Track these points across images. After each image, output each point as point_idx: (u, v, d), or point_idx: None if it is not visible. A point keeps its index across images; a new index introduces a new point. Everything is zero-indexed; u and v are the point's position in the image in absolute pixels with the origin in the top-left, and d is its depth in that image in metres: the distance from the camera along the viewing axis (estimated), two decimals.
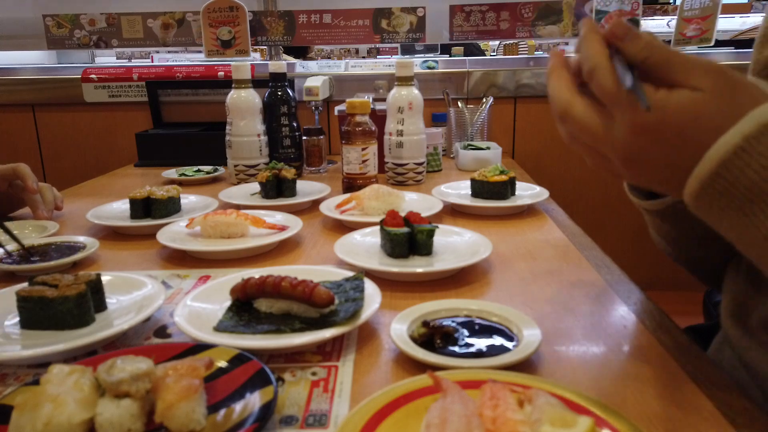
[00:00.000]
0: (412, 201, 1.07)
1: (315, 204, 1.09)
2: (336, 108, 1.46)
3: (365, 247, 0.82)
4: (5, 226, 0.85)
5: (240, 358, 0.49)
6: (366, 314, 0.58)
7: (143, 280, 0.69)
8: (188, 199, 1.12)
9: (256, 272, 0.65)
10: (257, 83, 1.38)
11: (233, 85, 1.33)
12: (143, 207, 1.01)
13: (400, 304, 0.64)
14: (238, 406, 0.44)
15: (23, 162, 1.14)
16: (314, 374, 0.52)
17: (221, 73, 1.86)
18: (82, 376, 0.43)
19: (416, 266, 0.74)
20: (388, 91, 1.32)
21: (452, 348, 0.52)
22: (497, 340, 0.54)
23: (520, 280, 0.74)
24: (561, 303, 0.66)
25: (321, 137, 1.47)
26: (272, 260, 0.84)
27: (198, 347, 0.52)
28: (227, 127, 1.35)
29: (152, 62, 3.11)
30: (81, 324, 0.60)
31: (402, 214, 0.82)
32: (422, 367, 0.48)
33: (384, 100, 1.35)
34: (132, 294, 0.67)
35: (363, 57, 4.10)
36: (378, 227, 0.82)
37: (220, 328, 0.57)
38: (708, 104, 0.42)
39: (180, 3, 2.01)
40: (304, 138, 1.46)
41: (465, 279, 0.74)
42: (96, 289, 0.63)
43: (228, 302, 0.63)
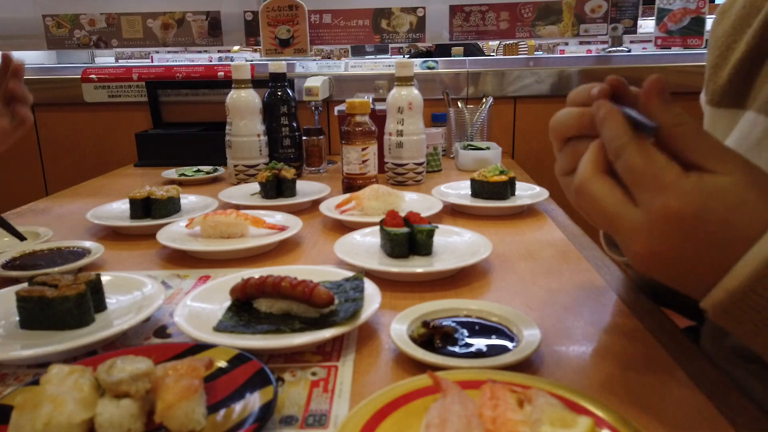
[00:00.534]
0: (412, 201, 1.07)
1: (315, 204, 1.09)
2: (336, 108, 1.46)
3: (365, 247, 0.82)
4: (3, 220, 0.85)
5: (240, 358, 0.49)
6: (366, 314, 0.58)
7: (143, 280, 0.69)
8: (188, 199, 1.12)
9: (256, 272, 0.65)
10: (257, 83, 1.38)
11: (233, 85, 1.33)
12: (143, 207, 1.01)
13: (400, 304, 0.64)
14: (238, 406, 0.44)
15: (23, 163, 1.13)
16: (314, 374, 0.52)
17: (221, 73, 1.86)
18: (82, 376, 0.43)
19: (416, 266, 0.74)
20: (388, 91, 1.32)
21: (452, 348, 0.52)
22: (497, 340, 0.54)
23: (520, 280, 0.74)
24: (561, 303, 0.66)
25: (321, 137, 1.47)
26: (272, 260, 0.84)
27: (198, 347, 0.52)
28: (227, 127, 1.35)
29: (152, 62, 3.11)
30: (81, 324, 0.60)
31: (402, 214, 0.82)
32: (422, 367, 0.48)
33: (384, 100, 1.35)
34: (132, 294, 0.67)
35: (362, 57, 4.09)
36: (378, 227, 0.82)
37: (220, 328, 0.57)
38: (749, 192, 0.37)
39: (180, 3, 2.01)
40: (304, 138, 1.46)
41: (465, 279, 0.74)
42: (96, 289, 0.63)
43: (228, 302, 0.63)
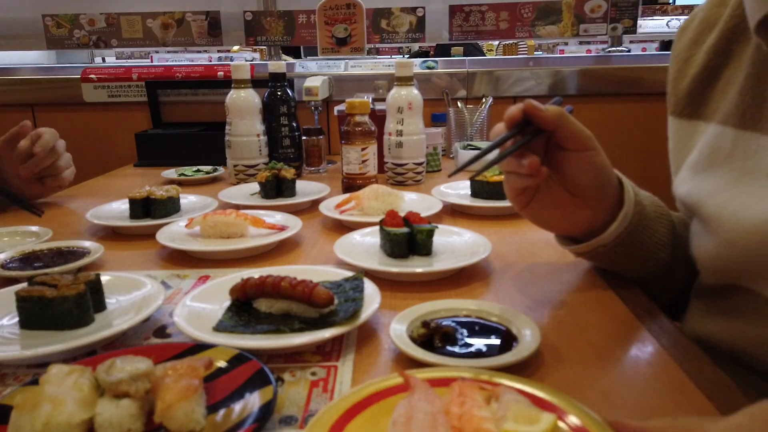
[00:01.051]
0: (412, 201, 1.07)
1: (314, 204, 1.09)
2: (335, 108, 1.46)
3: (365, 247, 0.82)
4: (17, 196, 0.85)
5: (239, 358, 0.49)
6: (365, 314, 0.58)
7: (142, 280, 0.69)
8: (188, 199, 1.12)
9: (256, 272, 0.65)
10: (257, 83, 1.38)
11: (233, 85, 1.33)
12: (143, 207, 1.01)
13: (400, 304, 0.64)
14: (238, 406, 0.44)
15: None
16: (314, 374, 0.52)
17: (221, 73, 1.86)
18: (82, 376, 0.43)
19: (416, 266, 0.74)
20: (388, 91, 1.32)
21: (451, 348, 0.52)
22: (497, 340, 0.54)
23: (520, 280, 0.74)
24: (561, 303, 0.66)
25: (320, 137, 1.47)
26: (272, 260, 0.84)
27: (197, 347, 0.52)
28: (227, 127, 1.35)
29: (152, 62, 3.11)
30: (80, 324, 0.60)
31: (401, 214, 0.82)
32: (422, 367, 0.48)
33: (384, 100, 1.35)
34: (131, 294, 0.67)
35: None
36: (377, 227, 0.82)
37: (220, 328, 0.57)
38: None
39: (179, 3, 2.01)
40: (304, 138, 1.46)
41: (464, 279, 0.74)
42: (95, 289, 0.63)
43: (227, 302, 0.63)
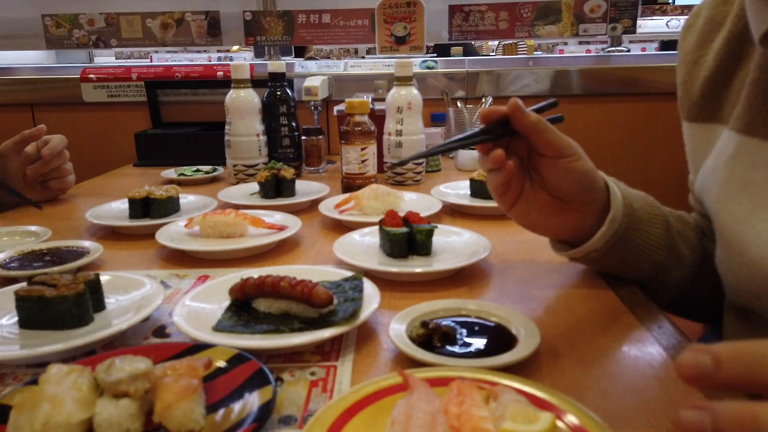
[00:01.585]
0: (411, 201, 1.07)
1: (314, 204, 1.09)
2: (335, 108, 1.46)
3: (364, 247, 0.82)
4: (14, 190, 0.86)
5: (239, 358, 0.49)
6: (365, 314, 0.58)
7: (142, 280, 0.69)
8: (187, 199, 1.12)
9: (255, 272, 0.65)
10: (256, 83, 1.38)
11: (232, 85, 1.33)
12: (142, 207, 1.01)
13: (399, 304, 0.64)
14: (237, 406, 0.44)
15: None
16: (313, 374, 0.52)
17: (220, 73, 1.86)
18: (81, 376, 0.43)
19: (415, 266, 0.74)
20: (388, 91, 1.32)
21: (451, 348, 0.52)
22: (496, 340, 0.54)
23: (519, 280, 0.74)
24: (560, 303, 0.66)
25: (320, 137, 1.47)
26: (271, 260, 0.84)
27: (197, 347, 0.52)
28: (226, 127, 1.35)
29: (151, 62, 3.11)
30: (80, 324, 0.59)
31: (401, 214, 0.82)
32: (421, 367, 0.48)
33: (383, 100, 1.35)
34: (131, 294, 0.67)
35: (362, 57, 4.10)
36: (377, 227, 0.82)
37: (219, 328, 0.57)
38: None
39: (179, 3, 2.01)
40: (303, 138, 1.46)
41: (464, 279, 0.74)
42: (94, 289, 0.63)
43: (227, 302, 0.63)
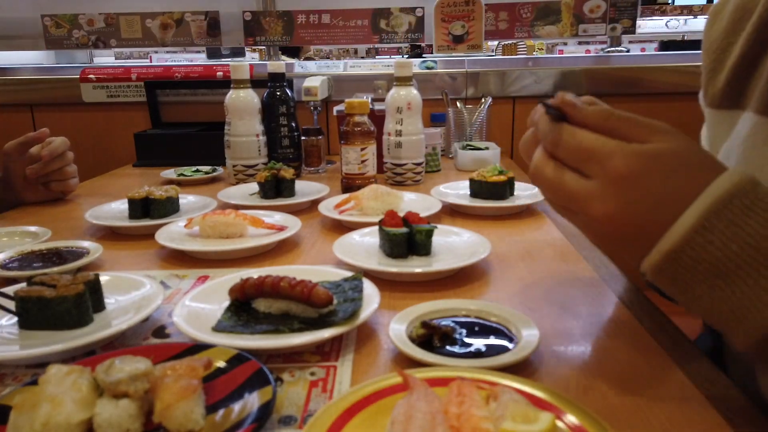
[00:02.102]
0: (411, 201, 1.07)
1: (314, 204, 1.09)
2: (335, 108, 1.46)
3: (364, 247, 0.82)
4: None
5: (238, 359, 0.49)
6: (365, 314, 0.58)
7: (142, 280, 0.69)
8: (187, 199, 1.12)
9: (255, 272, 0.65)
10: (256, 83, 1.38)
11: (232, 86, 1.33)
12: (142, 207, 1.01)
13: (399, 305, 0.64)
14: (237, 407, 0.44)
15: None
16: (313, 374, 0.52)
17: (220, 74, 1.86)
18: (81, 377, 0.43)
19: (415, 266, 0.74)
20: (387, 92, 1.32)
21: (451, 348, 0.52)
22: (496, 340, 0.54)
23: (519, 280, 0.74)
24: (560, 303, 0.66)
25: (320, 137, 1.47)
26: (271, 260, 0.84)
27: (196, 347, 0.52)
28: (226, 127, 1.35)
29: (151, 62, 3.11)
30: (79, 324, 0.59)
31: (401, 215, 0.82)
32: (421, 367, 0.48)
33: (383, 100, 1.35)
34: (130, 294, 0.67)
35: (362, 57, 4.10)
36: (377, 227, 0.82)
37: (219, 328, 0.57)
38: (685, 158, 0.43)
39: (179, 3, 2.01)
40: (303, 138, 1.46)
41: (464, 279, 0.74)
42: (94, 289, 0.63)
43: (227, 302, 0.63)
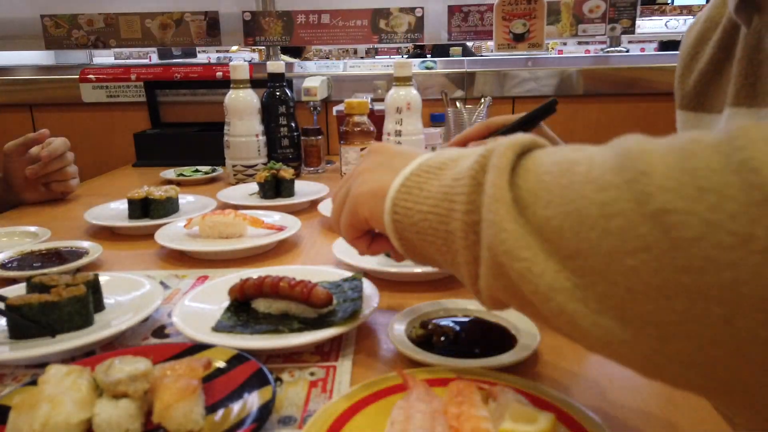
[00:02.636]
0: None
1: (313, 204, 1.09)
2: (334, 108, 1.46)
3: None
4: None
5: (238, 359, 0.49)
6: (364, 314, 0.58)
7: (141, 281, 0.69)
8: (186, 200, 1.11)
9: (255, 272, 0.65)
10: (255, 83, 1.38)
11: (231, 86, 1.33)
12: (141, 207, 1.00)
13: (399, 304, 0.64)
14: (237, 407, 0.44)
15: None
16: (312, 374, 0.52)
17: (219, 74, 1.86)
18: (80, 377, 0.43)
19: (415, 266, 0.74)
20: (387, 92, 1.32)
21: (450, 348, 0.52)
22: (496, 340, 0.54)
23: None
24: None
25: (319, 137, 1.47)
26: (270, 260, 0.84)
27: (196, 347, 0.52)
28: (225, 128, 1.35)
29: (150, 62, 3.11)
30: (80, 327, 0.59)
31: None
32: (420, 367, 0.48)
33: (382, 101, 1.35)
34: (130, 294, 0.67)
35: (361, 57, 4.10)
36: None
37: (219, 329, 0.57)
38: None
39: (178, 3, 2.01)
40: (303, 138, 1.46)
41: None
42: (94, 290, 0.63)
43: (226, 302, 0.63)
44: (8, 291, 0.67)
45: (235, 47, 3.19)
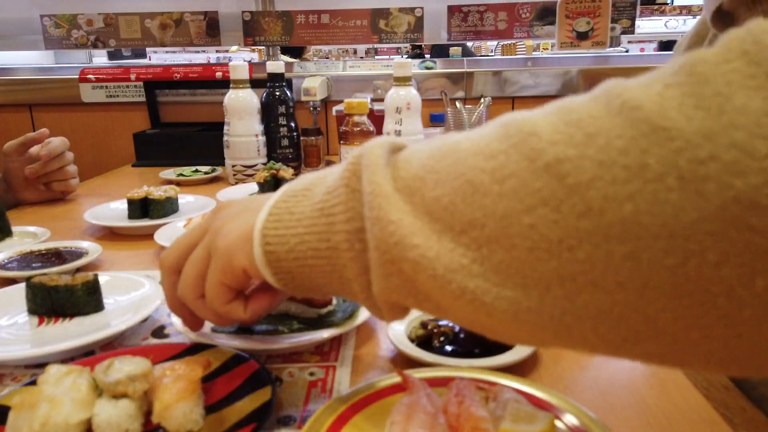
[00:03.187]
0: None
1: None
2: (334, 108, 1.46)
3: None
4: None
5: (238, 359, 0.49)
6: (364, 314, 0.58)
7: (141, 281, 0.69)
8: (186, 200, 1.11)
9: None
10: (255, 83, 1.38)
11: (231, 86, 1.33)
12: (141, 207, 1.00)
13: None
14: (236, 407, 0.44)
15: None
16: (312, 374, 0.52)
17: (219, 74, 1.86)
18: (80, 377, 0.42)
19: None
20: (386, 92, 1.32)
21: (450, 348, 0.52)
22: (496, 341, 0.54)
23: None
24: None
25: (319, 137, 1.47)
26: None
27: (196, 347, 0.52)
28: (225, 128, 1.35)
29: (150, 62, 3.11)
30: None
31: None
32: (420, 367, 0.48)
33: (382, 101, 1.35)
34: (129, 294, 0.67)
35: (361, 57, 4.10)
36: None
37: (218, 329, 0.57)
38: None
39: (178, 3, 2.01)
40: (302, 138, 1.46)
41: None
42: (93, 290, 0.63)
43: None
44: (8, 291, 0.67)
45: (235, 47, 3.19)
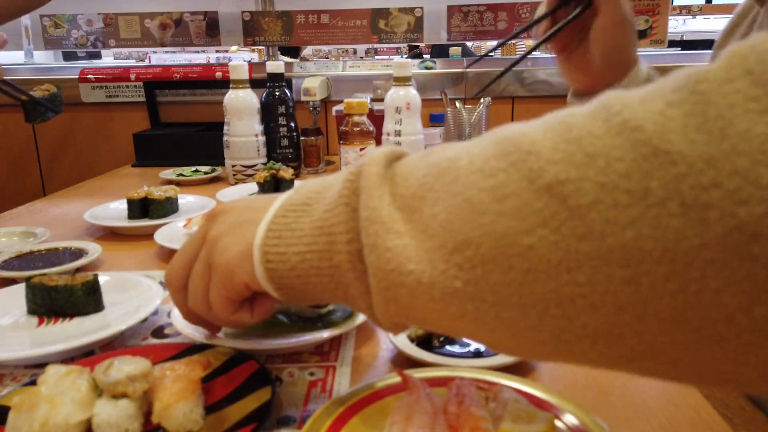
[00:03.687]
0: None
1: None
2: (334, 108, 1.46)
3: None
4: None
5: (238, 359, 0.49)
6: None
7: (141, 281, 0.69)
8: (186, 200, 1.11)
9: None
10: (255, 83, 1.38)
11: (231, 86, 1.33)
12: (141, 207, 1.00)
13: None
14: (236, 407, 0.44)
15: (21, 163, 1.16)
16: (312, 374, 0.52)
17: (219, 74, 1.86)
18: (79, 377, 0.42)
19: None
20: (386, 92, 1.32)
21: (450, 348, 0.52)
22: None
23: None
24: None
25: (319, 137, 1.47)
26: None
27: (195, 347, 0.52)
28: (225, 128, 1.35)
29: (150, 62, 3.11)
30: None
31: None
32: (420, 367, 0.48)
33: (382, 101, 1.35)
34: (129, 294, 0.67)
35: (361, 57, 4.10)
36: None
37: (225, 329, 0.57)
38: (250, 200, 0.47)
39: (178, 3, 2.01)
40: (302, 138, 1.46)
41: None
42: (93, 290, 0.63)
43: None
44: (8, 291, 0.67)
45: (235, 47, 3.19)
